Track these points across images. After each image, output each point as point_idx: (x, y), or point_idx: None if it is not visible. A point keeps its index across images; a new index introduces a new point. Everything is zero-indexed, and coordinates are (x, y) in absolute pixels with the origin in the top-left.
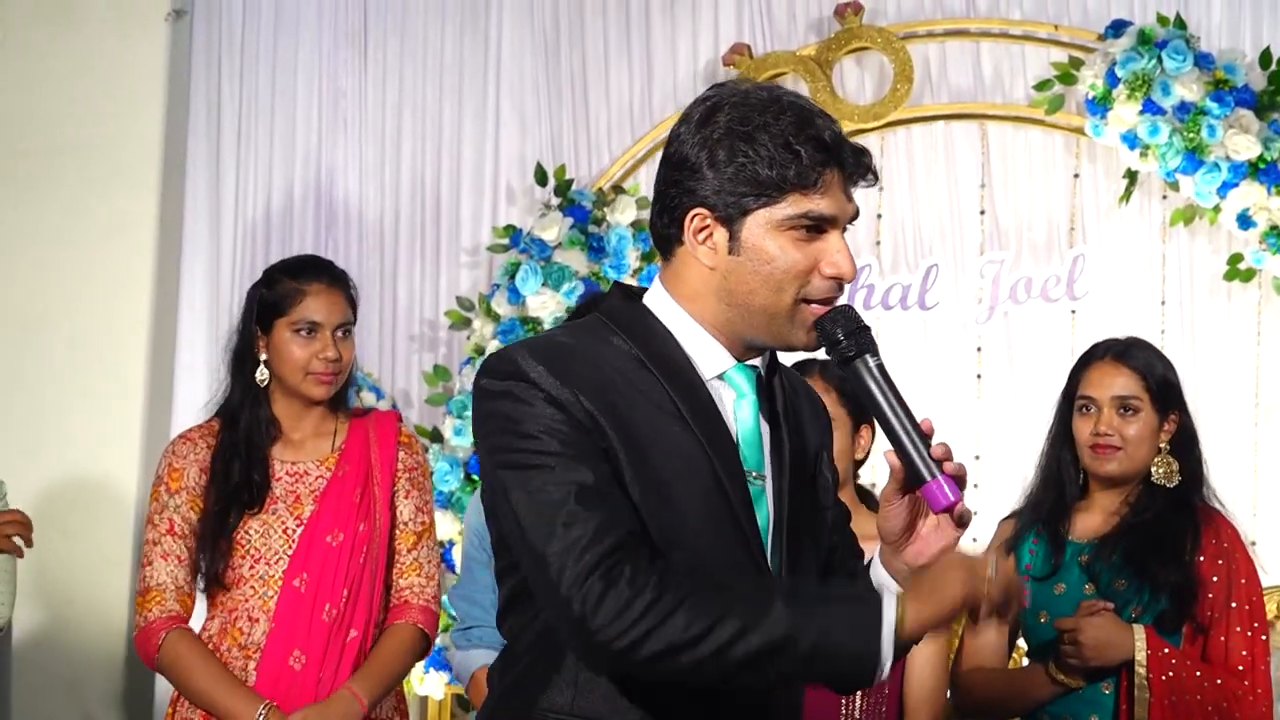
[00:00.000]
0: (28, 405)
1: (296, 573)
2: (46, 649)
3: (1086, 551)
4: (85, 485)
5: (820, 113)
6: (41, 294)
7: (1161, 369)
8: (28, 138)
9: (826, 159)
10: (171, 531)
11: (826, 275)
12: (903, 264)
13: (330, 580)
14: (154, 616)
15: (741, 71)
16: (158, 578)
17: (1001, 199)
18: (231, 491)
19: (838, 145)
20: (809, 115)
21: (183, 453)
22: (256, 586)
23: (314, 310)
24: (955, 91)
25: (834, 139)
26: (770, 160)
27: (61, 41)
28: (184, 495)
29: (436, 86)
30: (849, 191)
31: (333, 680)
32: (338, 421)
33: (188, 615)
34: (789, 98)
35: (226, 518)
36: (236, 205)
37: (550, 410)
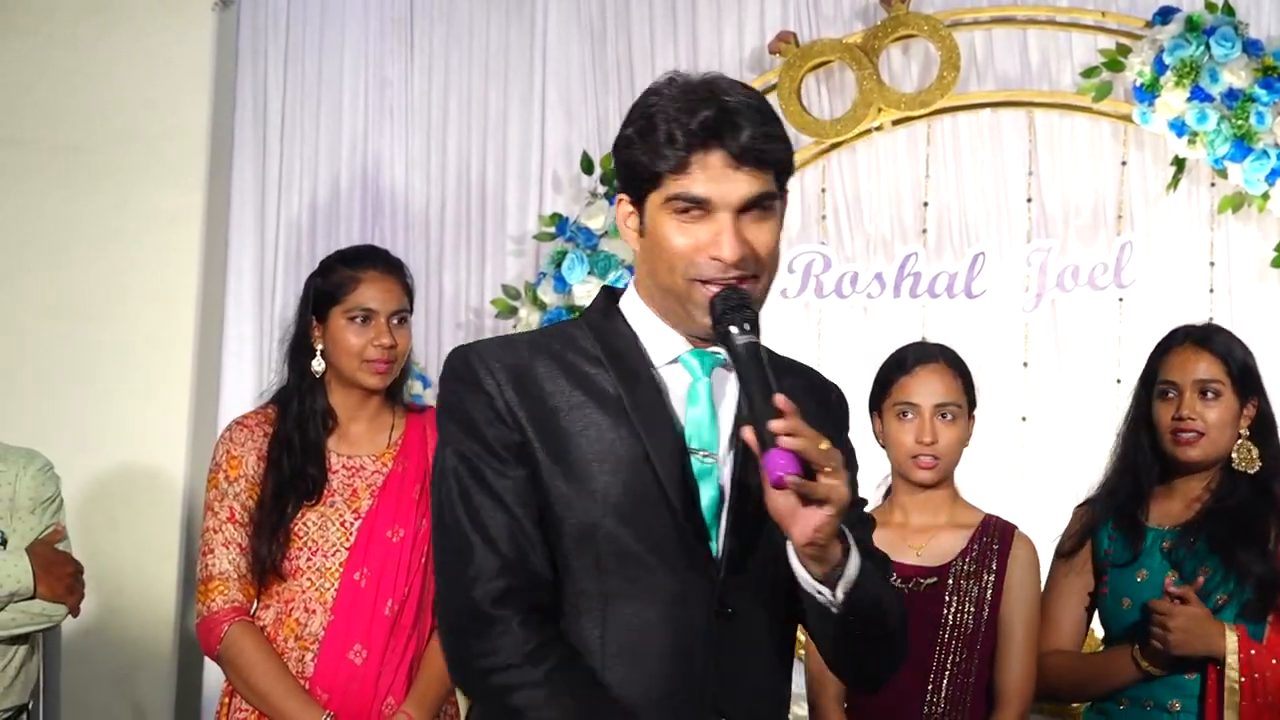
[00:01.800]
0: (76, 398)
1: (356, 566)
2: (96, 639)
3: (1168, 538)
4: (134, 476)
5: (713, 95)
6: (89, 287)
7: (1241, 354)
8: (74, 131)
9: (702, 140)
10: (232, 519)
11: (710, 256)
12: (949, 251)
13: (392, 576)
14: (217, 606)
15: (788, 59)
16: (220, 566)
17: (1048, 186)
18: (287, 482)
19: (717, 126)
20: (695, 98)
21: (240, 439)
22: (313, 578)
23: (368, 297)
24: (1002, 79)
25: (713, 121)
26: (650, 144)
27: (107, 34)
28: (243, 483)
29: (482, 74)
30: (741, 171)
31: (393, 677)
32: (394, 416)
33: (250, 604)
34: (692, 82)
35: (284, 508)
36: (282, 196)
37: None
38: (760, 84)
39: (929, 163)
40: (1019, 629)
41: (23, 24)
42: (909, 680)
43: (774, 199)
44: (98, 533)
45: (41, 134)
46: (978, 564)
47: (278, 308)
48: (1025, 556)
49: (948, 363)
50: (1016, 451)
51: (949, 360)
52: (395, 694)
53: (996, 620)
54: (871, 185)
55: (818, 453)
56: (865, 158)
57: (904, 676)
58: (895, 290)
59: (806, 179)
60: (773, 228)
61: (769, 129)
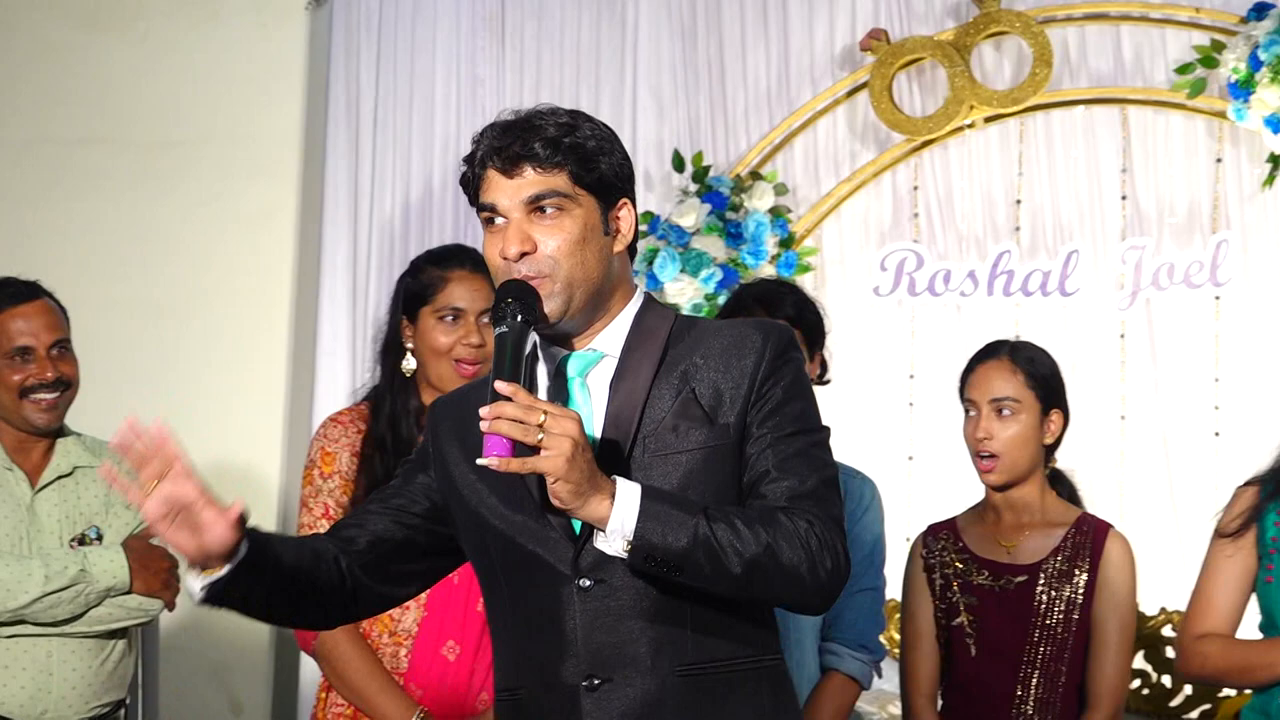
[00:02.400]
0: (171, 395)
1: None
2: (194, 634)
3: None
4: (229, 473)
5: (496, 124)
6: (184, 284)
7: None
8: (169, 130)
9: (477, 162)
10: (327, 515)
11: (501, 256)
12: (1042, 250)
13: None
14: None
15: (879, 57)
16: None
17: (1143, 184)
18: (379, 481)
19: (483, 150)
20: (484, 131)
21: (334, 436)
22: None
23: (457, 296)
24: (1095, 75)
25: (483, 146)
26: (465, 178)
27: (202, 33)
28: (336, 479)
29: (574, 72)
30: (514, 178)
31: (486, 673)
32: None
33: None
34: (502, 116)
35: None
36: (375, 193)
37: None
38: (851, 82)
39: (1022, 160)
40: (1112, 629)
41: (116, 23)
42: (999, 679)
43: (559, 196)
44: None
45: (135, 133)
46: (1070, 563)
47: (371, 305)
48: (1119, 555)
49: (1011, 358)
50: (1113, 451)
51: (1013, 356)
52: (489, 689)
53: (1089, 620)
54: (964, 183)
55: (519, 430)
56: (957, 155)
57: (994, 675)
58: (988, 288)
59: (898, 177)
60: (562, 226)
61: (539, 132)
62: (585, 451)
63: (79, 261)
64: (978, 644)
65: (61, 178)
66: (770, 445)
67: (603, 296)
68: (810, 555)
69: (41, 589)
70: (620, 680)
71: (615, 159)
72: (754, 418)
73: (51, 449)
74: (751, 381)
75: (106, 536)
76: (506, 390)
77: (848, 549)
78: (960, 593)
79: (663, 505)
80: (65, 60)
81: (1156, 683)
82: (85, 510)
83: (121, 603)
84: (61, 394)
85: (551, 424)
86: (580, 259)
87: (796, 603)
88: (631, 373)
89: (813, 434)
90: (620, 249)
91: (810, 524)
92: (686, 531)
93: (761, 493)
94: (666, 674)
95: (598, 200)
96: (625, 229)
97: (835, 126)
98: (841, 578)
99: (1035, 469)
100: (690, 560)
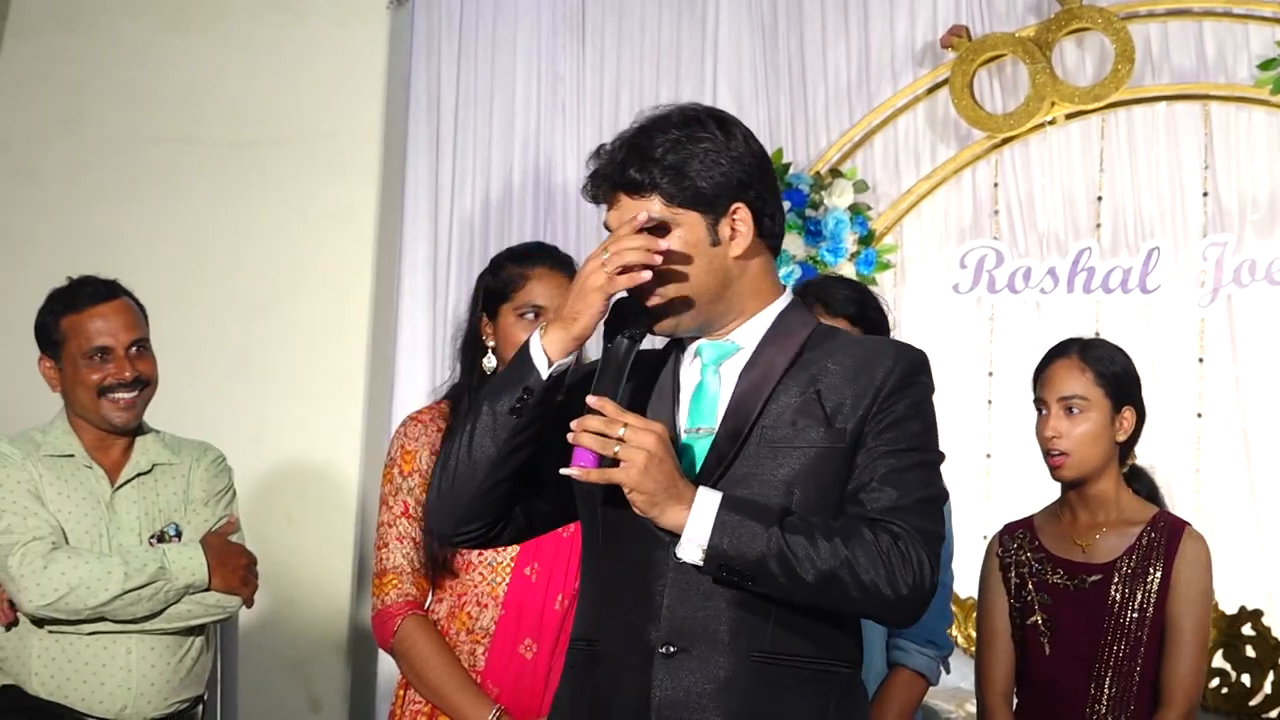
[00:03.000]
0: (252, 392)
1: (527, 561)
2: (272, 631)
3: None
4: (309, 470)
5: (600, 148)
6: (264, 283)
7: None
8: (250, 128)
9: (588, 186)
10: (406, 514)
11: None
12: (1123, 247)
13: (562, 571)
14: (391, 600)
15: (960, 54)
16: (394, 560)
17: (1224, 180)
18: None
19: (587, 175)
20: (593, 153)
21: (414, 434)
22: (485, 573)
23: (538, 294)
24: (1177, 72)
25: (588, 170)
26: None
27: (283, 31)
28: (416, 478)
29: (654, 70)
30: (616, 204)
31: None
32: None
33: (424, 597)
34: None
35: None
36: (455, 192)
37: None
38: (931, 79)
39: (1103, 157)
40: (1187, 627)
41: (199, 23)
42: (1074, 677)
43: (655, 222)
44: (272, 525)
45: (216, 132)
46: (1145, 561)
47: (450, 304)
48: (1194, 553)
49: (1081, 355)
50: (1191, 448)
51: (1082, 354)
52: None
53: (1163, 618)
54: (1044, 180)
55: (598, 443)
56: (1038, 152)
57: (1068, 674)
58: (1069, 285)
59: (979, 174)
60: (669, 244)
61: (628, 159)
62: (663, 464)
63: (161, 260)
64: (1052, 643)
65: (143, 177)
66: (880, 457)
67: (726, 303)
68: (890, 570)
69: (121, 586)
70: (696, 653)
71: (717, 167)
72: (871, 428)
73: (131, 447)
74: (876, 394)
75: (185, 534)
76: (595, 404)
77: (936, 566)
78: (1035, 591)
79: (739, 516)
80: (147, 60)
81: (1235, 681)
82: (164, 508)
83: (200, 600)
84: (140, 393)
85: (630, 436)
86: (685, 277)
87: (877, 616)
88: (763, 365)
89: (925, 453)
90: (739, 254)
91: (896, 538)
92: (760, 543)
93: (860, 501)
94: (742, 657)
95: (701, 214)
96: (743, 233)
97: (915, 123)
98: (924, 594)
99: (1108, 466)
100: (764, 571)
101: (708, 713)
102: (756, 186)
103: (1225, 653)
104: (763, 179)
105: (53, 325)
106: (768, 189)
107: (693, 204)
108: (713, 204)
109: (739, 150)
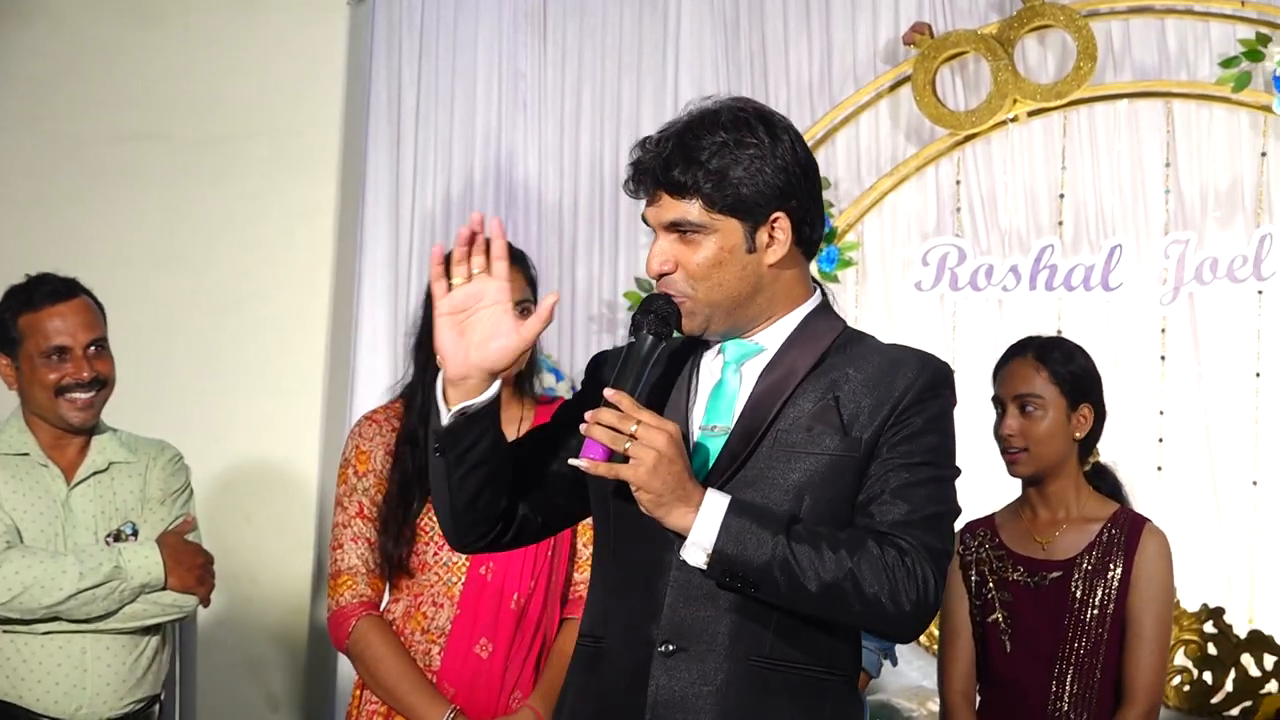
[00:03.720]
0: (211, 390)
1: (482, 560)
2: (231, 629)
3: None
4: (268, 468)
5: (646, 140)
6: (224, 280)
7: None
8: (211, 125)
9: (631, 178)
10: (361, 514)
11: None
12: (1085, 244)
13: (517, 569)
14: (345, 601)
15: (922, 51)
16: (349, 561)
17: (1186, 178)
18: (412, 479)
19: (630, 167)
20: (638, 144)
21: (369, 434)
22: (441, 573)
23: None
24: (1139, 69)
25: (632, 161)
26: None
27: (244, 28)
28: (371, 478)
29: (615, 67)
30: (653, 206)
31: (519, 671)
32: (524, 408)
33: (379, 598)
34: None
35: (409, 504)
36: (416, 189)
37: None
38: (894, 76)
39: (1065, 154)
40: (1148, 624)
41: (160, 19)
42: (1035, 675)
43: (693, 225)
44: (231, 524)
45: (176, 129)
46: (1105, 557)
47: (411, 301)
48: (1155, 549)
49: (1036, 355)
50: (1153, 446)
51: (1039, 352)
52: (522, 688)
53: (1124, 615)
54: (1007, 177)
55: (609, 437)
56: (1000, 150)
57: (1029, 672)
58: (1031, 283)
59: (941, 171)
60: (699, 249)
61: (674, 158)
62: (673, 464)
63: (120, 257)
64: (1012, 640)
65: (102, 174)
66: (893, 470)
67: (757, 307)
68: (893, 585)
69: (76, 585)
70: (694, 653)
71: (761, 176)
72: (886, 439)
73: (87, 445)
74: (894, 405)
75: (142, 532)
76: (612, 397)
77: (941, 582)
78: (995, 589)
79: (746, 521)
80: (107, 56)
81: (1197, 679)
82: (120, 506)
83: (156, 599)
84: (97, 393)
85: (642, 433)
86: (716, 281)
87: (879, 630)
88: (784, 367)
89: (939, 469)
90: (774, 261)
91: (902, 553)
92: (765, 550)
93: (870, 513)
94: (739, 660)
95: (740, 221)
96: (780, 241)
97: (878, 121)
98: (927, 610)
99: (1065, 463)
100: (767, 578)
101: (702, 714)
102: (799, 195)
103: (1187, 650)
104: (806, 187)
105: (10, 323)
106: (811, 196)
107: (733, 211)
108: (753, 212)
109: (785, 159)
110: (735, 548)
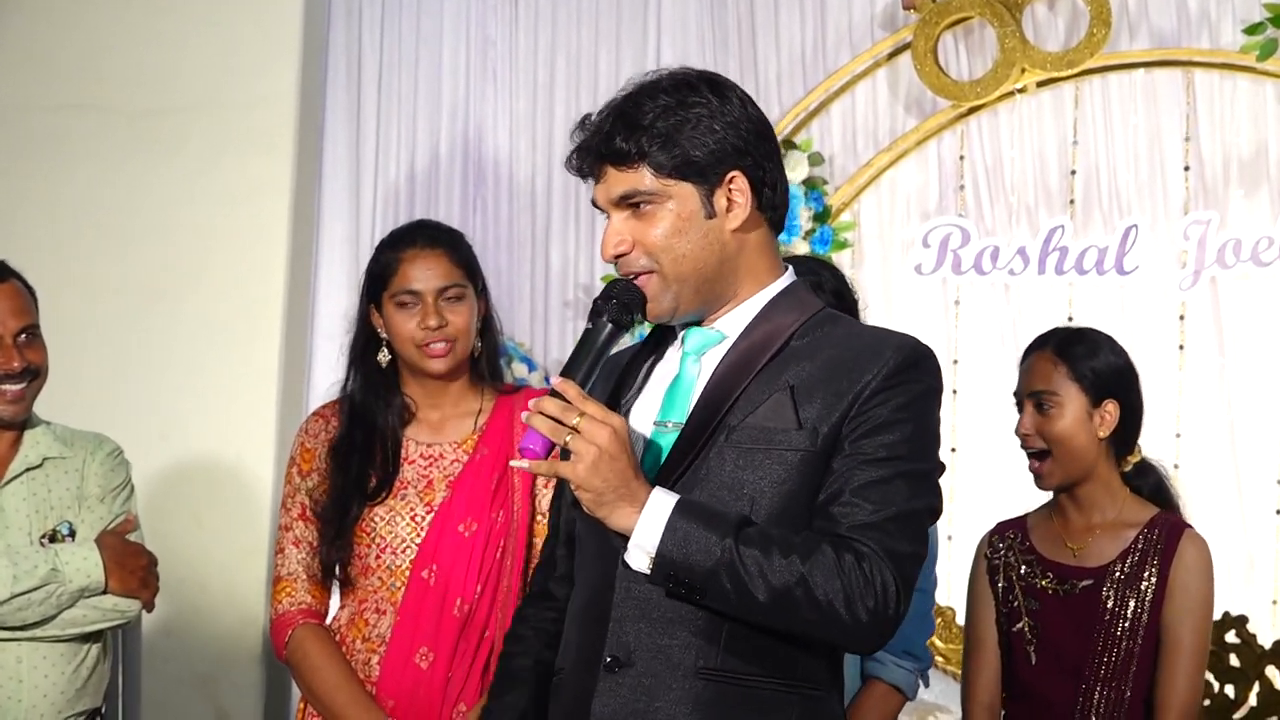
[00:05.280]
0: (155, 382)
1: (425, 564)
2: (178, 639)
3: None
4: (218, 468)
5: (583, 119)
6: (168, 263)
7: None
8: (154, 96)
9: (574, 163)
10: (303, 516)
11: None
12: (1098, 224)
13: (462, 573)
14: (284, 609)
15: (923, 15)
16: (289, 566)
17: (1208, 153)
18: (352, 483)
19: (576, 152)
20: (576, 125)
21: (315, 430)
22: (384, 577)
23: (411, 278)
24: (1157, 36)
25: (575, 148)
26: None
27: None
28: (315, 477)
29: (592, 33)
30: (603, 178)
31: (463, 681)
32: (483, 400)
33: (321, 605)
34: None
35: (347, 510)
36: (378, 165)
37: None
38: (892, 43)
39: (1077, 127)
40: (1184, 636)
41: None
42: (1061, 688)
43: (644, 195)
44: (179, 527)
45: (119, 99)
46: (1140, 565)
47: None
48: (1193, 557)
49: (1055, 349)
50: (1171, 443)
51: (1058, 346)
52: (467, 700)
53: (1159, 627)
54: (1014, 152)
55: (549, 428)
56: (1007, 122)
57: (1054, 685)
58: (1040, 266)
59: (944, 145)
60: (655, 221)
61: (614, 129)
62: (615, 461)
63: (58, 237)
64: (1038, 651)
65: (38, 146)
66: (856, 466)
67: (724, 282)
68: (848, 592)
69: (9, 590)
70: (641, 668)
71: (711, 134)
72: (848, 432)
73: (19, 440)
74: (856, 395)
75: (80, 532)
76: (558, 385)
77: (906, 590)
78: (1022, 596)
79: (692, 523)
80: (43, 20)
81: (1219, 693)
82: (56, 504)
83: (96, 603)
84: (29, 384)
85: (584, 426)
86: (679, 253)
87: (835, 639)
88: (738, 359)
89: (908, 463)
90: (736, 226)
91: (860, 558)
92: (712, 554)
93: (830, 514)
94: (688, 674)
95: (695, 184)
96: (740, 204)
97: (875, 92)
98: (888, 618)
99: (1094, 465)
100: (713, 584)
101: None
102: (754, 153)
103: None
104: (761, 145)
105: None
106: (767, 156)
107: (685, 174)
108: (706, 173)
109: (735, 115)
110: (679, 551)
